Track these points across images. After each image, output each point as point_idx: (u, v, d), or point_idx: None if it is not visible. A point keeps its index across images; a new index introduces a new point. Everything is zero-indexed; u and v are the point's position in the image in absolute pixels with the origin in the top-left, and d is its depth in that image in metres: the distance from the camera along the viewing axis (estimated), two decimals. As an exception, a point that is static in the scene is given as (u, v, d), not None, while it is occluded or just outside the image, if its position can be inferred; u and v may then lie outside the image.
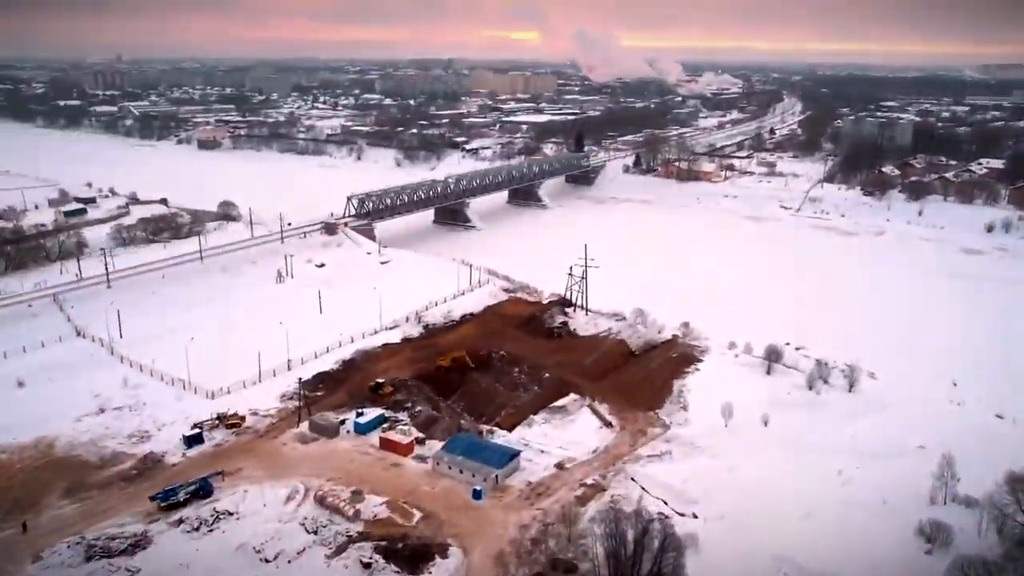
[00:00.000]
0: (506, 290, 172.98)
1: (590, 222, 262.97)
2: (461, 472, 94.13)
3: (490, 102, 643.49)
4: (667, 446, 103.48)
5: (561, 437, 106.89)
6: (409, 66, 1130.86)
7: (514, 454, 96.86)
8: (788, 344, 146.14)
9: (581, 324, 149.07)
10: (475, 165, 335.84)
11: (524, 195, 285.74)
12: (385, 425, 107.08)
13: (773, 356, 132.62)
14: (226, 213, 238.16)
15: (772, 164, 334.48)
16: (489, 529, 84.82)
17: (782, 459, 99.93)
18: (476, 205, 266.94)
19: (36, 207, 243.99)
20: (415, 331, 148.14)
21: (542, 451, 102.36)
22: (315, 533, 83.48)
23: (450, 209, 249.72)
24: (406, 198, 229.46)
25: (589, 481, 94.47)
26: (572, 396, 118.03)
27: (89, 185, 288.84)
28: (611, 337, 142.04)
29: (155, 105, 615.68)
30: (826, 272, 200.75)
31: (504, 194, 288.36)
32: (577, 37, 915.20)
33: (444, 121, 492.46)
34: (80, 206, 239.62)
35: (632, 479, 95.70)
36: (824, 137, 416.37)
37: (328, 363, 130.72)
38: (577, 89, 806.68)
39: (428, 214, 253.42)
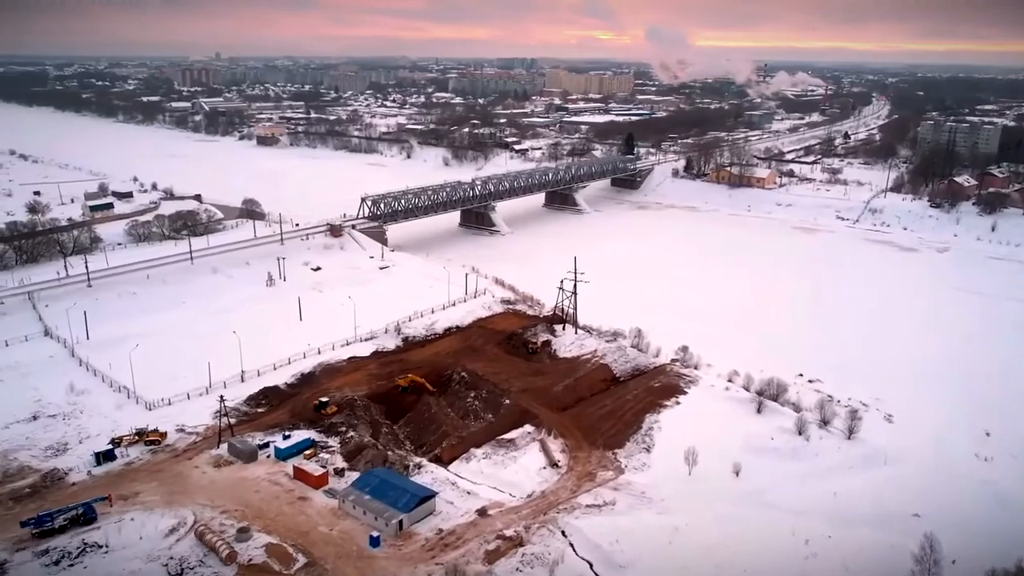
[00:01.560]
0: (506, 302, 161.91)
1: (625, 229, 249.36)
2: (365, 513, 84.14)
3: (559, 101, 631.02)
4: (613, 495, 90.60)
5: (498, 476, 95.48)
6: (494, 65, 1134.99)
7: (427, 496, 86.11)
8: (801, 376, 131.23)
9: (566, 344, 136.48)
10: (523, 166, 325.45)
11: (561, 199, 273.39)
12: (308, 451, 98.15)
13: (770, 391, 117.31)
14: (249, 210, 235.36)
15: (836, 171, 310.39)
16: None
17: (743, 520, 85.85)
18: (508, 208, 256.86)
19: (72, 200, 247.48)
20: (392, 343, 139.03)
21: (469, 492, 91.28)
22: (178, 576, 75.06)
23: (475, 212, 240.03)
24: (425, 200, 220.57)
25: (509, 532, 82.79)
26: (526, 428, 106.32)
27: (135, 179, 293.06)
28: (594, 360, 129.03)
29: (229, 101, 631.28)
30: (871, 293, 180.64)
31: (541, 197, 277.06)
32: (650, 34, 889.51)
33: (502, 121, 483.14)
34: (107, 201, 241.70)
35: (562, 532, 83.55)
36: (904, 143, 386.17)
37: (284, 376, 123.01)
38: (654, 89, 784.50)
39: (455, 217, 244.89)
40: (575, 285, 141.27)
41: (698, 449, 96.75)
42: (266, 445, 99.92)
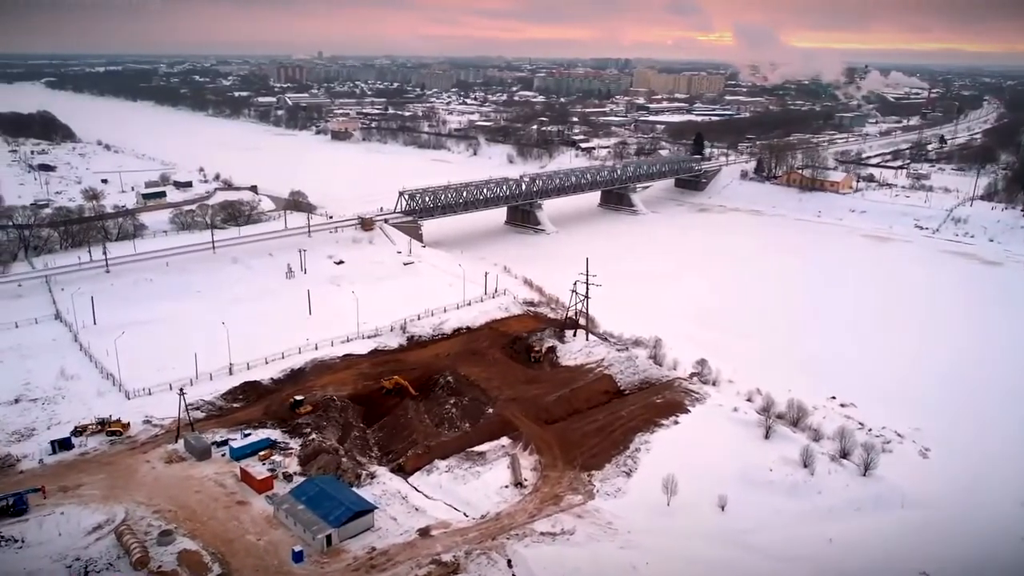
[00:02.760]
0: (528, 303, 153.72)
1: (679, 232, 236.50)
2: (296, 524, 78.00)
3: (642, 101, 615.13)
4: (575, 523, 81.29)
5: (455, 492, 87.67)
6: (588, 65, 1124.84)
7: (363, 510, 79.16)
8: (833, 399, 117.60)
9: (573, 351, 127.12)
10: (587, 164, 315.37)
11: (616, 199, 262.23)
12: (264, 452, 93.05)
13: (791, 415, 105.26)
14: (295, 201, 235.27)
15: (922, 177, 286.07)
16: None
17: (716, 563, 75.42)
18: (559, 207, 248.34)
19: (132, 188, 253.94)
20: (396, 342, 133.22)
21: (417, 508, 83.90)
22: (80, 580, 70.75)
23: (521, 210, 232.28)
24: (469, 195, 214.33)
25: (447, 557, 74.96)
26: (502, 441, 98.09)
27: (200, 170, 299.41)
28: (597, 370, 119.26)
29: (315, 97, 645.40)
30: (936, 310, 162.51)
31: (597, 197, 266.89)
32: (736, 31, 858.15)
33: (574, 119, 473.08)
34: (160, 190, 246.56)
35: (508, 562, 75.10)
36: (1009, 148, 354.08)
37: (274, 371, 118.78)
38: (744, 91, 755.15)
39: (502, 214, 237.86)
40: (587, 289, 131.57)
41: (685, 477, 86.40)
42: (225, 443, 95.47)
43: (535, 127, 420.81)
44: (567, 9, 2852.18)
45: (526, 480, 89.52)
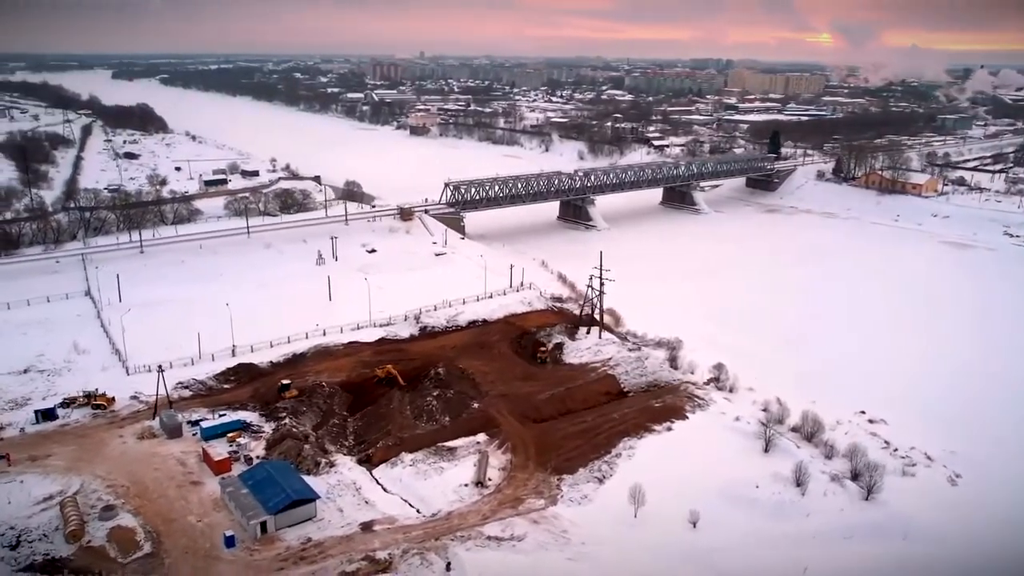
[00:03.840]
0: (556, 299, 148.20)
1: (740, 232, 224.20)
2: (236, 508, 75.75)
3: (732, 100, 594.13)
4: (528, 528, 75.68)
5: (413, 487, 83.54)
6: (687, 65, 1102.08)
7: (304, 499, 76.02)
8: (862, 414, 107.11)
9: (581, 348, 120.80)
10: (659, 161, 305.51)
11: (679, 197, 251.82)
12: (234, 434, 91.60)
13: (806, 429, 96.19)
14: (349, 191, 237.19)
15: (1021, 181, 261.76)
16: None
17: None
18: (617, 204, 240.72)
19: (200, 175, 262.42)
20: (407, 331, 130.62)
21: (367, 501, 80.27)
22: (11, 548, 70.54)
23: (573, 205, 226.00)
24: (519, 188, 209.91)
25: (381, 555, 70.95)
26: (478, 437, 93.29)
27: (272, 160, 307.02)
28: (601, 370, 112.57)
29: (402, 94, 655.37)
30: (1009, 325, 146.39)
31: (658, 195, 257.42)
32: (834, 28, 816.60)
33: (655, 118, 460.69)
34: (221, 177, 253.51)
35: (447, 565, 70.42)
36: None
37: (275, 355, 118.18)
38: (846, 91, 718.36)
39: (554, 209, 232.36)
40: (601, 284, 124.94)
41: (661, 487, 79.59)
42: (196, 423, 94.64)
43: (609, 124, 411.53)
44: (667, 10, 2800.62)
45: (490, 480, 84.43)
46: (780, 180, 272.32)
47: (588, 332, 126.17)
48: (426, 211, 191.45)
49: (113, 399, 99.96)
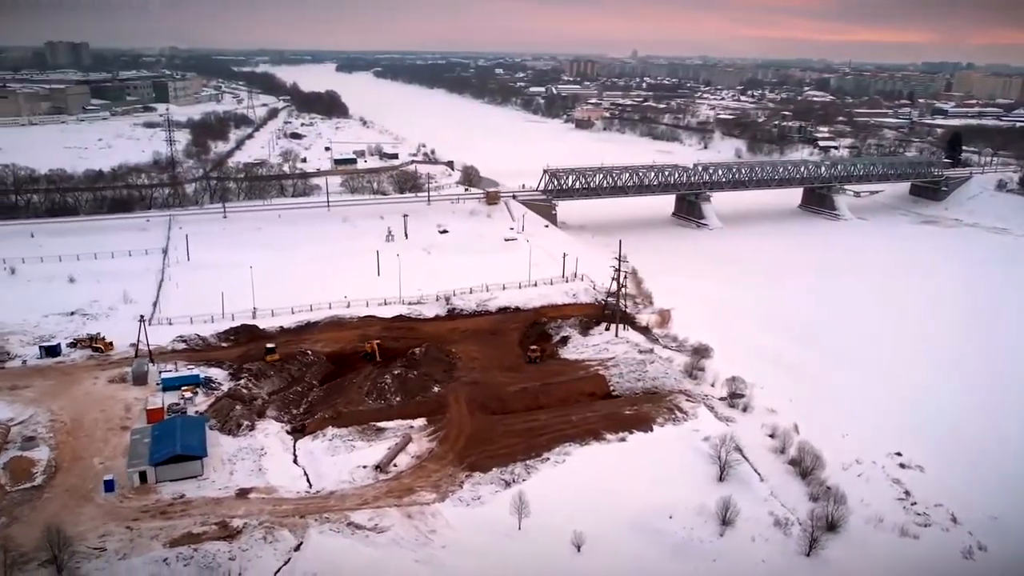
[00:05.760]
0: (612, 294, 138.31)
1: (877, 244, 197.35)
2: (130, 455, 76.77)
3: (942, 104, 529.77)
4: (396, 521, 69.64)
5: (317, 462, 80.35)
6: (919, 69, 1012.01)
7: (188, 456, 75.18)
8: (897, 455, 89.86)
9: (587, 344, 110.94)
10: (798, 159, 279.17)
11: (819, 200, 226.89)
12: (188, 388, 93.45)
13: (805, 463, 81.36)
14: (468, 176, 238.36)
15: None
16: (40, 518, 66.97)
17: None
18: (747, 204, 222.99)
19: (333, 155, 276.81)
20: (433, 312, 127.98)
21: (261, 468, 78.15)
22: (-82, 465, 76.19)
23: (688, 201, 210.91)
24: (624, 180, 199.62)
25: (238, 523, 68.48)
26: (416, 422, 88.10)
27: (422, 145, 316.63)
28: (593, 369, 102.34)
29: (586, 89, 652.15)
30: None
31: (797, 196, 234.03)
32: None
33: (840, 119, 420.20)
34: (351, 157, 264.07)
35: (298, 545, 66.59)
36: None
37: (290, 320, 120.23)
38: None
39: (671, 204, 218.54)
40: (618, 277, 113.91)
41: (567, 502, 71.06)
42: (163, 373, 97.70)
43: (776, 122, 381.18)
44: (897, 10, 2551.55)
45: (395, 466, 78.98)
46: (950, 189, 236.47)
47: (607, 328, 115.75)
48: (514, 196, 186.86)
49: (111, 344, 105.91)
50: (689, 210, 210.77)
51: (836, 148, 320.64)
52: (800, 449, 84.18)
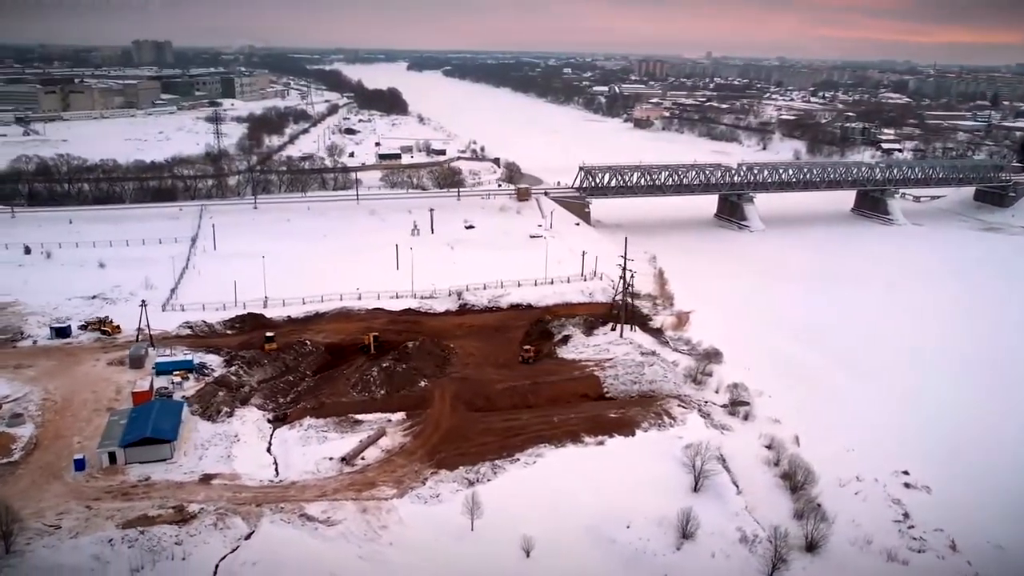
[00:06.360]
0: (634, 295, 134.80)
1: (930, 251, 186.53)
2: (103, 436, 77.94)
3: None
4: (349, 515, 68.41)
5: (288, 452, 79.97)
6: (1013, 71, 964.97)
7: (156, 439, 75.70)
8: (905, 474, 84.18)
9: (588, 344, 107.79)
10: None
11: (871, 204, 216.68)
12: (180, 373, 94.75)
13: (797, 477, 76.85)
14: (509, 173, 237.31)
15: None
16: (7, 494, 68.32)
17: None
18: (794, 206, 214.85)
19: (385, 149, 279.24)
20: (443, 306, 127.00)
21: (230, 456, 78.32)
22: (-85, 433, 79.05)
23: (730, 202, 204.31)
24: (665, 179, 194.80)
25: (194, 508, 68.48)
26: (395, 416, 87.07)
27: (473, 142, 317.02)
28: (588, 370, 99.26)
29: (650, 88, 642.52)
30: None
31: (849, 199, 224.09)
32: None
33: (911, 121, 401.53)
34: (396, 152, 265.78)
35: (249, 533, 66.23)
36: None
37: (299, 310, 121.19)
38: None
39: (713, 204, 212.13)
40: (624, 277, 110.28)
41: (525, 505, 68.70)
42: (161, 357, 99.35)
43: (839, 124, 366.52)
44: (986, 10, 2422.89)
45: (362, 459, 77.93)
46: (1018, 195, 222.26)
47: (613, 328, 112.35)
48: (546, 193, 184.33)
49: (119, 327, 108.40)
50: (731, 211, 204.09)
51: (900, 151, 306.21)
52: (791, 462, 79.49)
